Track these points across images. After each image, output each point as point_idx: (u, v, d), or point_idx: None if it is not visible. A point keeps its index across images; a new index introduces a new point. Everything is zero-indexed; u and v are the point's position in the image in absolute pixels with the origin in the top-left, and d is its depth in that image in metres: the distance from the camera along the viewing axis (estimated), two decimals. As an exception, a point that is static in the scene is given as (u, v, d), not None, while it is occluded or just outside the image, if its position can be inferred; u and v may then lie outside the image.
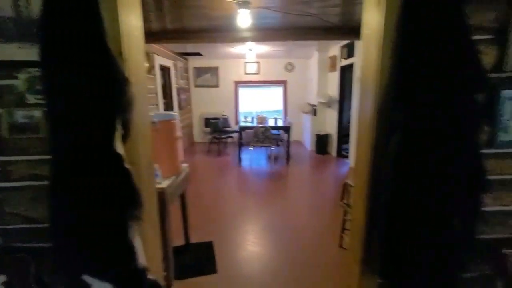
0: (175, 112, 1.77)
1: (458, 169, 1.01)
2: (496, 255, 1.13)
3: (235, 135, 5.97)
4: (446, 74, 1.00)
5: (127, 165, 1.02)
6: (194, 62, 7.01)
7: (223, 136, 5.87)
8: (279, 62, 7.11)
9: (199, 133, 7.38)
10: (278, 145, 6.61)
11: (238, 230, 2.71)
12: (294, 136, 7.40)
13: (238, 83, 7.26)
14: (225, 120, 6.83)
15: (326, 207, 3.18)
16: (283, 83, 7.31)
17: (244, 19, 2.59)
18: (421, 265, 1.07)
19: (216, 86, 7.20)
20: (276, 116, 5.94)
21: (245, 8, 2.47)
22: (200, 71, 7.09)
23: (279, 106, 7.65)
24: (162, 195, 1.51)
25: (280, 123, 5.87)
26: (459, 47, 1.00)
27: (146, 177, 1.30)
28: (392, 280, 1.17)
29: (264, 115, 5.79)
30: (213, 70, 7.08)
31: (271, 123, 5.72)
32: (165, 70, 5.36)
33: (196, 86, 7.16)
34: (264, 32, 4.34)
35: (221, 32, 3.76)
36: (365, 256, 1.28)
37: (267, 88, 7.58)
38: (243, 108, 7.73)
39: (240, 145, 5.18)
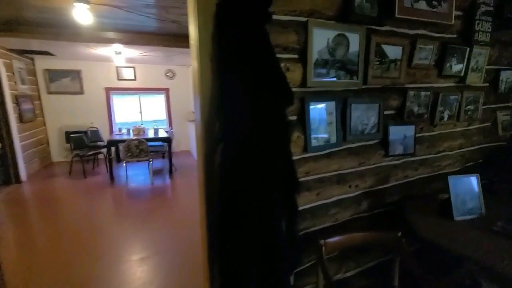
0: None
1: (274, 174, 1.08)
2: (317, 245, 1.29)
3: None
4: (256, 89, 1.05)
5: None
6: (45, 63, 5.61)
7: (90, 153, 4.92)
8: (159, 68, 6.66)
9: (60, 151, 5.96)
10: (163, 157, 6.15)
11: (95, 270, 2.23)
12: (182, 145, 7.10)
13: (110, 90, 6.33)
14: (95, 133, 5.79)
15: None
16: (165, 90, 6.89)
17: (82, 14, 2.17)
18: (255, 266, 1.09)
19: (80, 93, 6.01)
20: (156, 126, 5.49)
21: (83, 3, 2.08)
22: (54, 75, 5.74)
23: (163, 115, 7.18)
24: None
25: (162, 133, 5.46)
26: (265, 64, 1.08)
27: None
28: (232, 282, 1.14)
29: (142, 126, 5.24)
30: (74, 74, 5.89)
31: (150, 134, 5.24)
32: (-10, 72, 4.01)
33: (50, 92, 5.76)
34: (128, 35, 3.92)
35: (66, 28, 3.10)
36: (209, 260, 1.23)
37: (147, 96, 6.96)
38: (120, 118, 6.80)
39: (111, 161, 4.46)
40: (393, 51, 1.52)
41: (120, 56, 4.84)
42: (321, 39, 1.28)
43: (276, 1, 1.19)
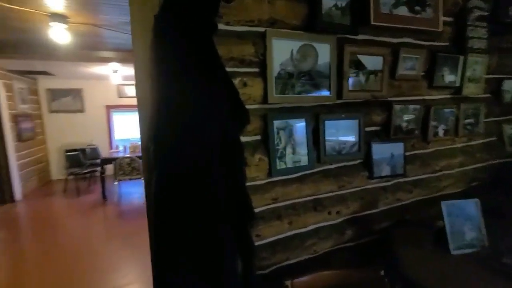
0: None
1: (221, 208, 0.93)
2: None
3: (106, 167, 5.06)
4: (200, 108, 0.92)
5: None
6: (47, 82, 5.75)
7: (85, 171, 4.88)
8: (159, 85, 6.71)
9: (59, 169, 5.97)
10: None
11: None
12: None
13: (111, 108, 6.40)
14: (94, 150, 5.79)
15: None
16: (166, 107, 6.90)
17: (59, 34, 2.14)
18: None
19: (81, 111, 6.09)
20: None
21: (60, 22, 2.05)
22: (56, 94, 5.85)
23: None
24: None
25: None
26: (211, 80, 0.95)
27: None
28: None
29: (138, 143, 5.19)
30: (75, 93, 5.99)
31: (147, 151, 5.17)
32: (-12, 92, 4.09)
33: (52, 111, 5.86)
34: (122, 53, 3.93)
35: (52, 48, 3.11)
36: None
37: (148, 112, 6.99)
38: (121, 135, 6.83)
39: (104, 180, 4.39)
40: (372, 62, 1.37)
41: (117, 75, 4.88)
42: (283, 50, 1.15)
43: (229, 10, 1.08)
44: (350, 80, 1.32)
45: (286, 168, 1.22)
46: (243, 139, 1.14)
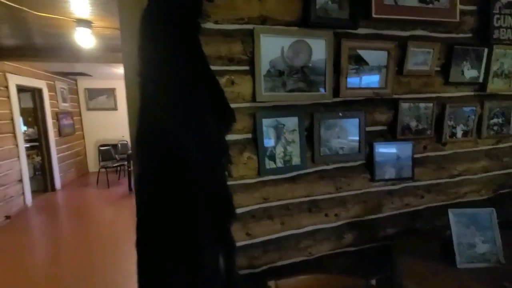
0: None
1: (202, 206, 0.94)
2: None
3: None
4: (183, 105, 0.94)
5: None
6: (85, 83, 6.26)
7: (115, 165, 5.25)
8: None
9: (95, 162, 6.48)
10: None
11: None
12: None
13: (141, 106, 6.77)
14: (124, 146, 6.19)
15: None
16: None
17: (84, 38, 2.32)
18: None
19: (114, 109, 6.55)
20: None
21: (85, 27, 2.22)
22: (93, 93, 6.36)
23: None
24: None
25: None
26: (195, 78, 0.97)
27: None
28: None
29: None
30: (110, 92, 6.45)
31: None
32: (34, 92, 4.56)
33: (89, 109, 6.37)
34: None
35: (81, 51, 3.38)
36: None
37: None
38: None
39: (130, 173, 4.68)
40: (374, 57, 1.29)
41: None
42: (273, 47, 1.13)
43: (218, 9, 1.08)
44: (349, 77, 1.26)
45: (276, 167, 1.20)
46: (233, 137, 1.15)
